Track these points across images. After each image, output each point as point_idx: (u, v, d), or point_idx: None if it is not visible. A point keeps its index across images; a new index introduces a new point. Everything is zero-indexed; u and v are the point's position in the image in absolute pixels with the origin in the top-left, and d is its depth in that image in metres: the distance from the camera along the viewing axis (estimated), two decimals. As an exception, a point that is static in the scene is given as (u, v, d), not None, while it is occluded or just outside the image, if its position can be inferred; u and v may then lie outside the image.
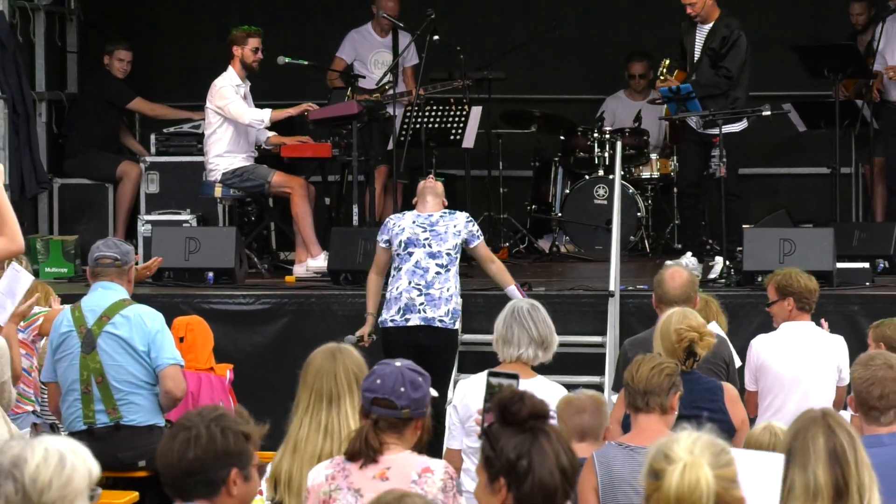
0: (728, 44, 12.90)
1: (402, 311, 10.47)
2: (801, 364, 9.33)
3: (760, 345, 9.44)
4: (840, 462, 5.14)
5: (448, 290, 10.49)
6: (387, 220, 10.91)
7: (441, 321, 10.46)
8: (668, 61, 13.35)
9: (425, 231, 10.58)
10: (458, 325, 10.78)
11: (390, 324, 10.54)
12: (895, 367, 6.36)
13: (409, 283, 10.49)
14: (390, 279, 10.68)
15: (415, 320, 10.43)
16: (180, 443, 4.75)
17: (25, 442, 4.11)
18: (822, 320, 9.74)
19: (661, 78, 13.33)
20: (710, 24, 13.02)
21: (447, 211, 10.74)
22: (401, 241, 10.55)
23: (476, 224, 10.80)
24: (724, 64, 12.93)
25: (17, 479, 4.02)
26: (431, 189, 10.80)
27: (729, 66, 12.95)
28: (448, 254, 10.62)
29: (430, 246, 10.60)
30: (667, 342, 7.77)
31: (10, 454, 4.04)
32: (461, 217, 10.69)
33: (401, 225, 10.61)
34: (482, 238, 10.83)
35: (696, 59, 13.10)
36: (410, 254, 10.54)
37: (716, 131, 12.87)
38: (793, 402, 9.09)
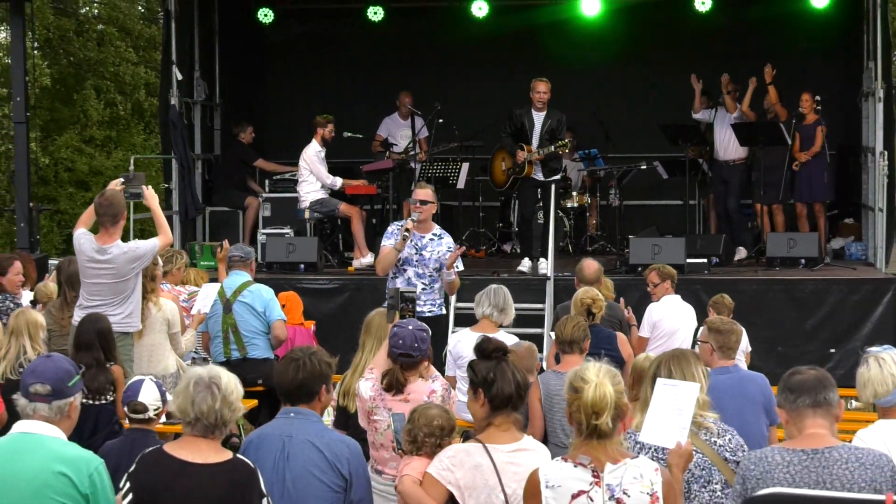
0: (560, 127, 12.17)
1: None
2: (678, 321, 9.35)
3: (655, 309, 9.42)
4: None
5: None
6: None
7: None
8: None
9: None
10: None
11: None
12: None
13: None
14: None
15: None
16: (293, 368, 4.79)
17: (210, 367, 4.23)
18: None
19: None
20: (545, 112, 12.21)
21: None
22: None
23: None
24: (561, 137, 12.15)
25: (219, 386, 4.13)
26: None
27: (563, 139, 12.17)
28: None
29: None
30: (576, 307, 7.97)
31: (209, 375, 4.16)
32: None
33: None
34: None
35: (535, 135, 12.15)
36: None
37: (553, 178, 12.22)
38: (674, 345, 9.08)
